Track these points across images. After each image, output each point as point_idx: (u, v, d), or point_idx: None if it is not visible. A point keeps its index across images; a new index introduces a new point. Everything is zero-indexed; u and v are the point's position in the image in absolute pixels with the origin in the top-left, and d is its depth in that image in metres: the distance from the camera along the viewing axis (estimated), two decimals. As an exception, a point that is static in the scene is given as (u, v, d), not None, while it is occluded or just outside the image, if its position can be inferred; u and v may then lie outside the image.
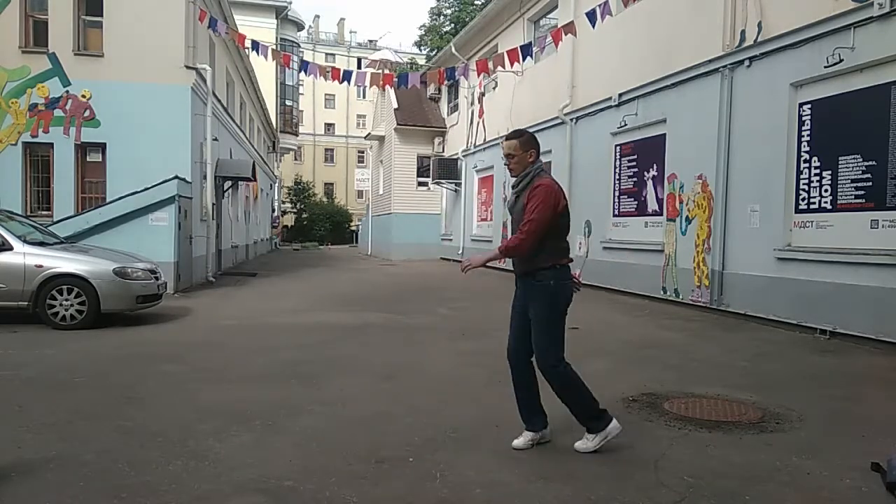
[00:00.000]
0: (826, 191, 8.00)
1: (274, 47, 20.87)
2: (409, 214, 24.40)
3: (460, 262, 3.80)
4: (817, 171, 8.13)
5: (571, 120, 14.25)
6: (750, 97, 9.17)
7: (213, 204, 14.80)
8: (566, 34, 12.08)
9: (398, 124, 24.22)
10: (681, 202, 10.61)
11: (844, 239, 7.68)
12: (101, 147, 12.58)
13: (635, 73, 11.80)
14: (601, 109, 13.08)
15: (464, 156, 21.80)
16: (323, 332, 8.12)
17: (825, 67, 7.88)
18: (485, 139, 19.88)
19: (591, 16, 11.34)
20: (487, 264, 3.99)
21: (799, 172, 8.38)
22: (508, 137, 3.91)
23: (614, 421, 3.82)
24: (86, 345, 7.08)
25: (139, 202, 11.77)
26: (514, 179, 3.89)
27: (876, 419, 4.58)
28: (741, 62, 9.29)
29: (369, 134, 29.90)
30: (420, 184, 24.56)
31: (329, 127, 61.72)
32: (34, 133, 12.30)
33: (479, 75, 17.63)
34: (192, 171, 12.95)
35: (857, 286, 7.36)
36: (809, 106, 8.29)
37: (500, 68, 13.74)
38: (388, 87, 22.93)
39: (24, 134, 12.29)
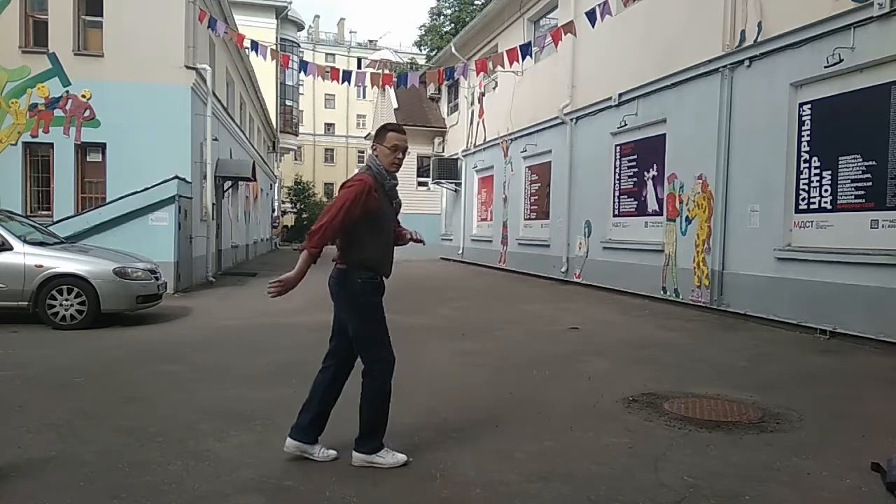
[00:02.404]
0: (826, 191, 8.00)
1: (273, 47, 20.88)
2: (409, 214, 24.22)
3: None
4: (817, 171, 8.13)
5: (571, 120, 14.25)
6: (750, 97, 9.17)
7: (213, 204, 14.80)
8: (566, 34, 12.09)
9: (398, 124, 24.20)
10: (681, 202, 10.61)
11: (844, 239, 7.68)
12: (101, 147, 12.58)
13: (635, 73, 11.80)
14: (601, 109, 13.08)
15: (464, 156, 21.81)
16: (323, 331, 8.04)
17: (825, 67, 7.88)
18: (485, 139, 19.88)
19: (591, 15, 11.34)
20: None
21: (799, 172, 8.38)
22: (403, 131, 3.70)
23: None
24: (86, 345, 7.08)
25: (139, 202, 11.77)
26: (391, 179, 3.61)
27: (876, 419, 4.58)
28: (741, 62, 9.28)
29: (369, 134, 29.87)
30: (420, 184, 24.58)
31: (329, 127, 61.69)
32: (34, 133, 12.29)
33: (477, 74, 17.63)
34: (192, 171, 12.94)
35: (857, 286, 7.36)
36: (809, 106, 8.29)
37: (499, 68, 13.75)
38: (387, 87, 22.94)
39: (24, 134, 12.28)
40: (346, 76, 13.76)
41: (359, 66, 46.90)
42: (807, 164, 8.29)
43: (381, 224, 3.53)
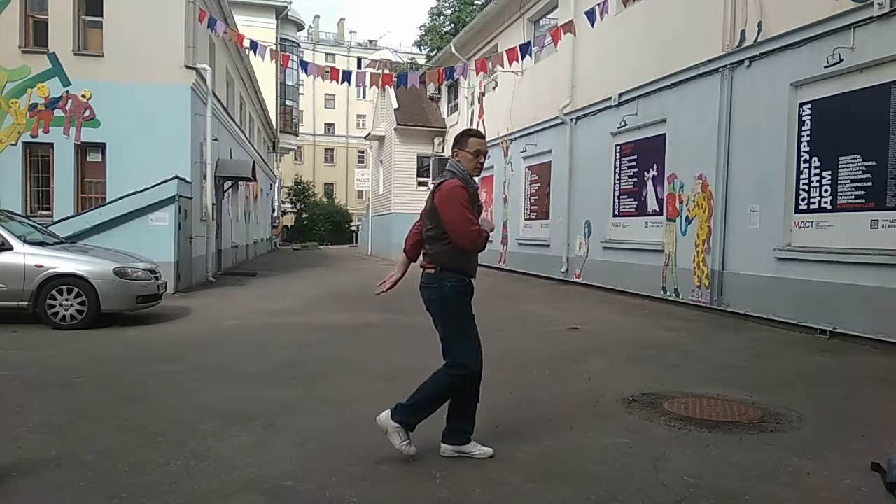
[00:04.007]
0: (826, 191, 8.00)
1: (273, 47, 20.88)
2: (410, 214, 24.31)
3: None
4: (817, 171, 8.13)
5: (571, 120, 14.24)
6: (750, 97, 9.17)
7: (213, 204, 14.80)
8: (566, 34, 12.09)
9: (398, 124, 24.21)
10: (681, 202, 10.61)
11: (844, 239, 7.68)
12: (101, 147, 12.58)
13: (635, 73, 11.79)
14: (601, 109, 13.08)
15: (464, 156, 21.77)
16: (323, 332, 8.11)
17: (825, 67, 7.88)
18: (485, 139, 19.85)
19: (591, 15, 11.36)
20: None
21: (799, 172, 8.38)
22: (483, 136, 3.85)
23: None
24: (86, 345, 7.08)
25: (139, 202, 11.77)
26: (474, 183, 3.71)
27: (876, 419, 4.58)
28: (741, 62, 9.28)
29: (369, 134, 29.87)
30: (420, 184, 24.54)
31: (329, 127, 61.72)
32: (34, 133, 12.29)
33: (477, 74, 17.63)
34: (192, 171, 12.94)
35: (857, 286, 7.36)
36: (809, 106, 8.29)
37: (499, 68, 13.75)
38: (387, 87, 22.93)
39: (24, 134, 12.29)
40: (346, 76, 13.75)
41: (359, 66, 46.94)
42: (807, 164, 8.29)
43: None
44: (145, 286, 8.63)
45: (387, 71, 26.72)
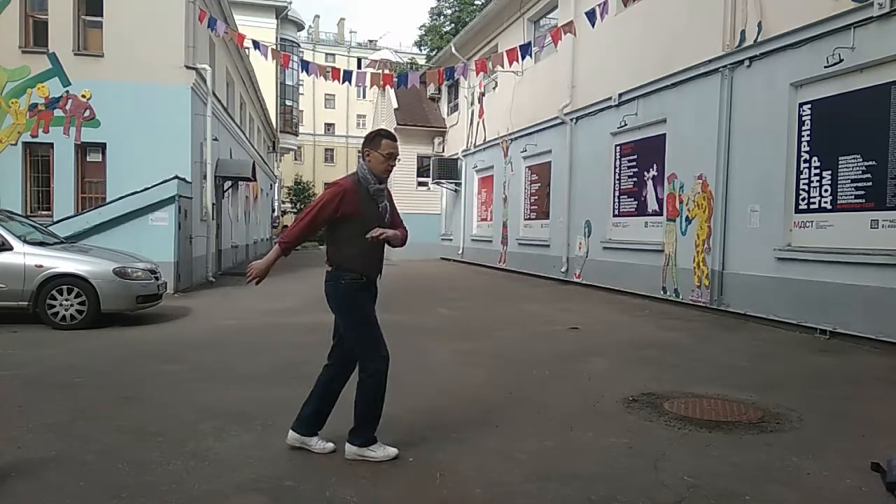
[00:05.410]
0: (826, 191, 8.00)
1: (273, 47, 20.88)
2: (409, 214, 24.17)
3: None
4: (817, 171, 8.13)
5: (571, 120, 14.24)
6: (750, 97, 9.17)
7: (213, 204, 14.79)
8: (566, 34, 12.09)
9: (398, 124, 24.18)
10: (681, 202, 10.61)
11: (844, 239, 7.68)
12: (101, 147, 12.58)
13: (635, 73, 11.79)
14: (601, 109, 13.08)
15: (464, 156, 21.81)
16: (323, 331, 8.05)
17: (825, 67, 7.88)
18: (485, 139, 19.88)
19: (591, 16, 11.35)
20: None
21: (799, 172, 8.39)
22: (396, 138, 3.80)
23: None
24: (86, 345, 7.08)
25: (139, 202, 11.77)
26: (377, 183, 3.69)
27: (876, 419, 4.58)
28: (741, 62, 9.28)
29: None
30: (420, 184, 24.57)
31: (329, 127, 61.68)
32: (34, 133, 12.30)
33: (477, 74, 17.63)
34: (192, 171, 12.94)
35: (857, 286, 7.36)
36: (809, 106, 8.29)
37: (499, 68, 13.76)
38: (387, 87, 22.93)
39: (24, 134, 12.29)
40: (347, 76, 13.75)
41: (359, 66, 46.90)
42: (807, 164, 8.29)
43: (362, 227, 3.61)
44: (145, 286, 8.63)
45: (387, 71, 26.73)
